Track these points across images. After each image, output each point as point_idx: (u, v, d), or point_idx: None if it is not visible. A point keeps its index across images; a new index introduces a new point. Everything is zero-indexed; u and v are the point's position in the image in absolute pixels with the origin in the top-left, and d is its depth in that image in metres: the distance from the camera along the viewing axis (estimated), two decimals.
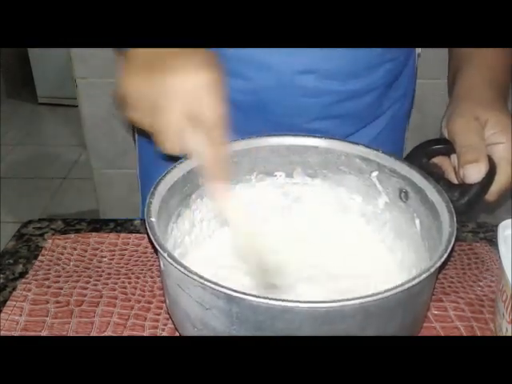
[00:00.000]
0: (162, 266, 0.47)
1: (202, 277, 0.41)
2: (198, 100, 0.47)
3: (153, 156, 0.74)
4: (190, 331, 0.46)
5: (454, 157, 0.57)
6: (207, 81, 0.47)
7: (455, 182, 0.56)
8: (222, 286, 0.40)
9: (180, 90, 0.47)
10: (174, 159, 0.54)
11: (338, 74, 0.66)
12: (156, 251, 0.46)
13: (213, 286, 0.40)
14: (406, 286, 0.41)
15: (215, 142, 0.49)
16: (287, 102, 0.67)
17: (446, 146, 0.57)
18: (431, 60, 0.93)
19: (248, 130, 0.60)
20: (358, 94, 0.69)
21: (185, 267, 0.42)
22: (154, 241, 0.44)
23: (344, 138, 0.60)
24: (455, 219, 0.48)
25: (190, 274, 0.41)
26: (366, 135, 0.74)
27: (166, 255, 0.43)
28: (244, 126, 0.59)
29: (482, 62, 0.64)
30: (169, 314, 0.53)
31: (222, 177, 0.51)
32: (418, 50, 0.78)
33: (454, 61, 0.69)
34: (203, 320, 0.44)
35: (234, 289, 0.40)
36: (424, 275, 0.42)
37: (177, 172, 0.54)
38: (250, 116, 0.68)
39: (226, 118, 0.49)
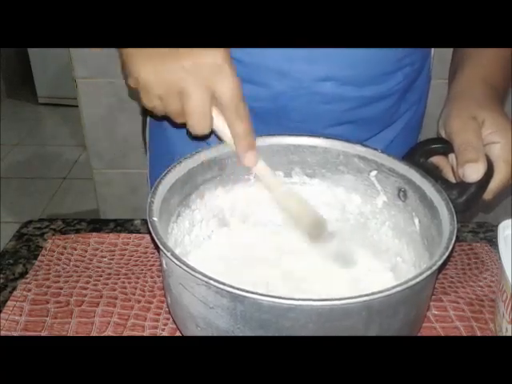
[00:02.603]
0: (164, 265, 0.47)
1: (206, 275, 0.41)
2: (214, 76, 0.50)
3: (163, 156, 0.74)
4: (193, 330, 0.46)
5: (451, 156, 0.57)
6: (221, 58, 0.49)
7: (453, 181, 0.56)
8: (227, 285, 0.40)
9: (197, 70, 0.49)
10: (203, 139, 0.55)
11: (357, 81, 0.65)
12: (158, 250, 0.46)
13: (218, 284, 0.40)
14: (410, 283, 0.41)
15: (237, 116, 0.52)
16: (306, 108, 0.67)
17: (444, 146, 0.57)
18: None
19: None
20: (376, 100, 0.68)
21: (189, 266, 0.42)
22: (156, 240, 0.44)
23: (361, 142, 0.60)
24: (455, 217, 0.48)
25: (194, 273, 0.41)
26: (383, 139, 0.74)
27: (169, 254, 0.43)
28: (262, 132, 0.59)
29: (480, 62, 0.64)
30: (170, 313, 0.53)
31: (250, 148, 0.54)
32: (432, 51, 0.78)
33: (454, 61, 0.69)
34: (206, 319, 0.44)
35: (239, 287, 0.40)
36: (427, 272, 0.42)
37: (177, 172, 0.54)
38: (268, 122, 0.68)
39: (242, 94, 0.51)
